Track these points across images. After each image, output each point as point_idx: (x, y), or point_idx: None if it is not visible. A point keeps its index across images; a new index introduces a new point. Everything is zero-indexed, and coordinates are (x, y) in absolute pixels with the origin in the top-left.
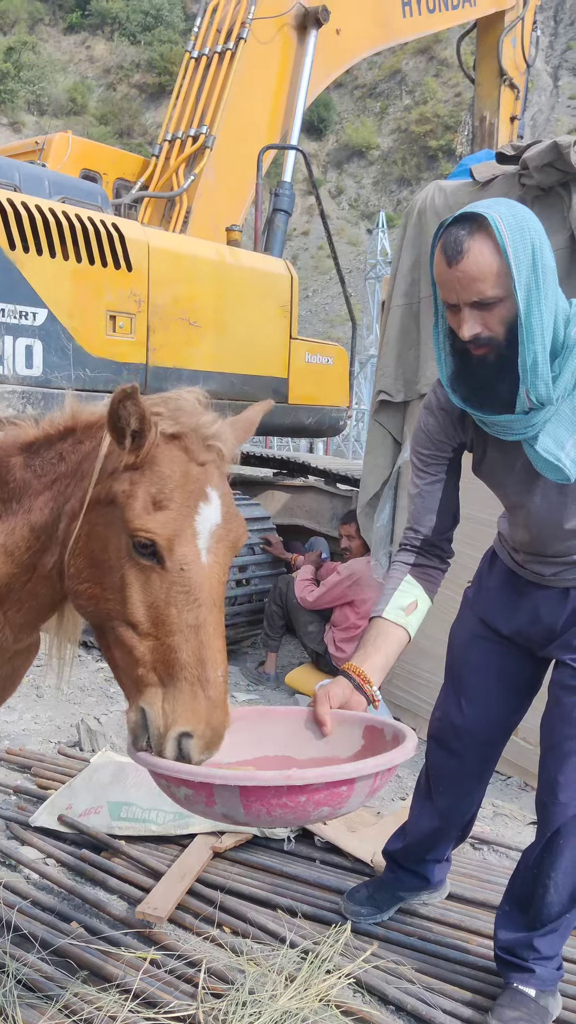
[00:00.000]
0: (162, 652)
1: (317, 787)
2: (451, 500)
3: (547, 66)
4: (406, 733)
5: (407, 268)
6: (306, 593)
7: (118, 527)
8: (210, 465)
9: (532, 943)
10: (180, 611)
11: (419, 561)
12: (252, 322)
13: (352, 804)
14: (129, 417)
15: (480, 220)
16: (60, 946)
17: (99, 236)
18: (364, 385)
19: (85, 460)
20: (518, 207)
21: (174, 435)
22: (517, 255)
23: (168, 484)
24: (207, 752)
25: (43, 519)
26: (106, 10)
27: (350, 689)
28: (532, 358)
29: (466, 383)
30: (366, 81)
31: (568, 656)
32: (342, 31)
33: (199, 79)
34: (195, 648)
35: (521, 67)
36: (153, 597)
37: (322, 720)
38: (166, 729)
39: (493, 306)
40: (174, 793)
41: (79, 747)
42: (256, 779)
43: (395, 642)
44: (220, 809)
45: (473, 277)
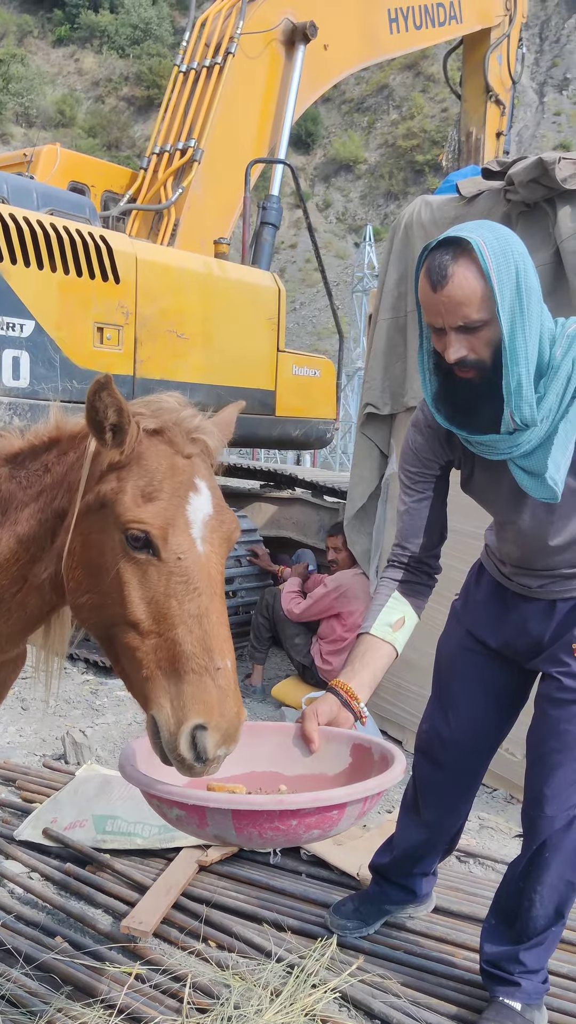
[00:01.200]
0: (166, 648)
1: (308, 811)
2: (438, 517)
3: (532, 83)
4: (394, 754)
5: (394, 282)
6: (293, 605)
7: (110, 527)
8: (196, 458)
9: (518, 956)
10: (181, 602)
11: (407, 577)
12: (240, 334)
13: (342, 827)
14: (106, 409)
15: (464, 244)
16: (44, 961)
17: (87, 248)
18: (351, 398)
19: (71, 471)
20: (502, 230)
21: (156, 430)
22: (501, 279)
23: (156, 476)
24: (224, 747)
25: (30, 531)
26: (95, 23)
27: (338, 706)
28: (516, 381)
29: (451, 404)
30: (353, 96)
31: (555, 669)
32: (330, 46)
33: (188, 93)
34: (200, 638)
35: (507, 83)
36: (152, 591)
37: (310, 737)
38: (177, 725)
39: (478, 329)
40: (166, 813)
41: (64, 760)
42: (248, 803)
43: (382, 658)
44: (212, 831)
45: (458, 301)
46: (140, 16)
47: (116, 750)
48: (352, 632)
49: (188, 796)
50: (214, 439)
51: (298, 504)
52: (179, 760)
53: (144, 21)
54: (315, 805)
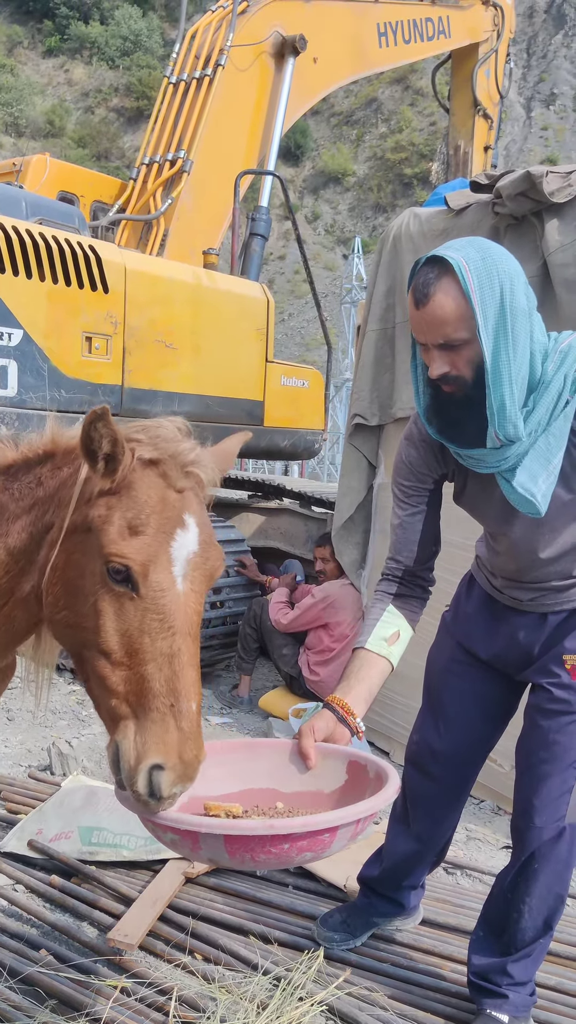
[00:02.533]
0: (135, 682)
1: (299, 835)
2: (432, 531)
3: (520, 97)
4: (388, 772)
5: (382, 293)
6: (280, 616)
7: (94, 553)
8: (188, 492)
9: (506, 968)
10: (153, 639)
11: (401, 591)
12: (228, 345)
13: (334, 848)
14: (101, 440)
15: (447, 264)
16: (29, 974)
17: (76, 258)
18: (339, 408)
19: (63, 486)
20: (491, 249)
21: (152, 461)
22: (483, 300)
23: (144, 510)
24: (179, 785)
25: (21, 544)
26: (85, 34)
27: (334, 721)
28: (499, 402)
29: (439, 417)
30: (342, 109)
31: (545, 680)
32: (319, 60)
33: (177, 104)
34: (168, 678)
35: (495, 98)
36: (127, 625)
37: (307, 754)
38: (137, 762)
39: (460, 348)
40: (160, 837)
41: (50, 771)
42: (240, 828)
43: (378, 673)
44: (205, 854)
45: (438, 320)
46: (130, 28)
47: (102, 761)
48: (340, 642)
49: (181, 822)
50: (209, 473)
51: (286, 514)
52: (135, 794)
53: (134, 33)
54: (306, 829)
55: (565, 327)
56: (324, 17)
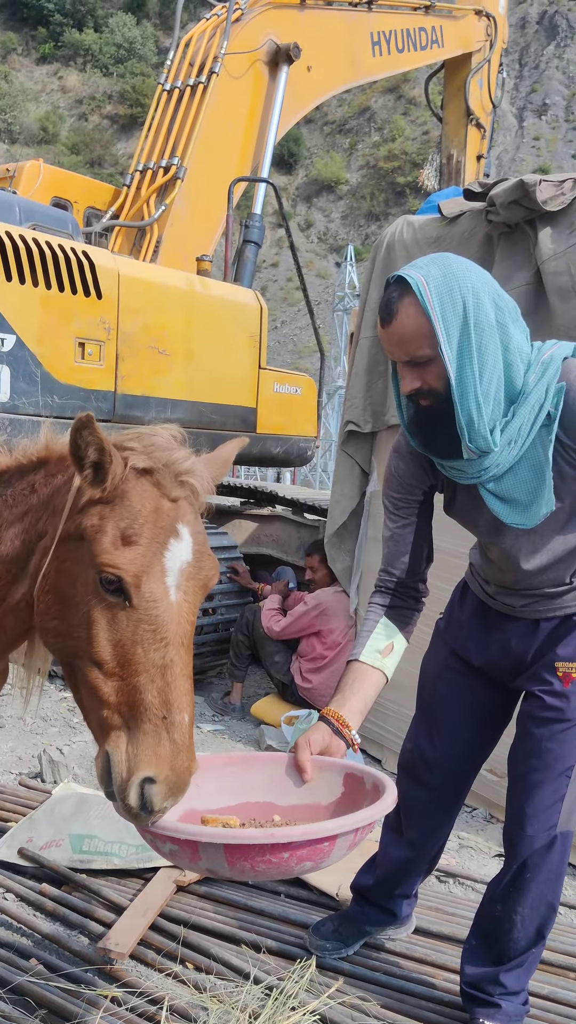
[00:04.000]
0: (127, 693)
1: (299, 844)
2: (424, 542)
3: (512, 108)
4: (385, 783)
5: (375, 300)
6: (272, 623)
7: (86, 563)
8: (182, 501)
9: (498, 978)
10: (146, 650)
11: (394, 603)
12: (221, 351)
13: (334, 858)
14: (87, 447)
15: (407, 284)
16: (19, 984)
17: (69, 263)
18: (331, 416)
19: (56, 494)
20: (455, 264)
21: (146, 470)
22: (445, 316)
23: (138, 519)
24: (171, 798)
25: (13, 551)
26: (79, 42)
27: (329, 734)
28: (467, 416)
29: (419, 429)
30: (336, 117)
31: (538, 687)
32: (313, 68)
33: (171, 111)
34: (160, 689)
35: (487, 107)
36: (119, 635)
37: (303, 767)
38: (129, 775)
39: (426, 364)
40: (159, 848)
41: (41, 778)
42: (240, 837)
43: (372, 685)
44: (204, 864)
45: (400, 339)
46: (124, 35)
47: (93, 768)
48: (332, 650)
49: (180, 831)
50: (203, 482)
51: (278, 521)
52: (126, 807)
53: (128, 40)
54: (306, 838)
55: (558, 336)
56: (318, 26)
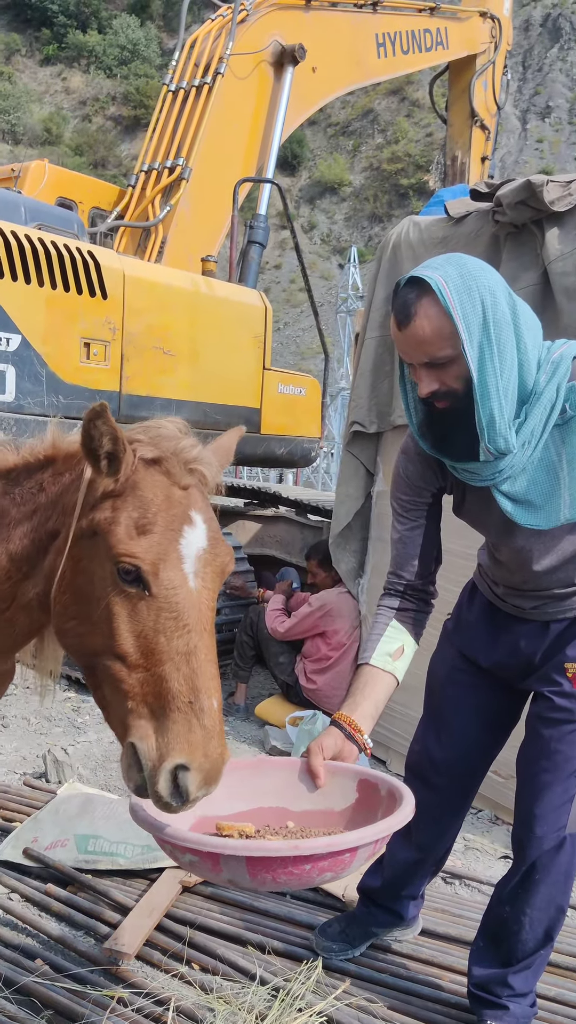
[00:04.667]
0: (152, 683)
1: (322, 856)
2: (432, 544)
3: (515, 110)
4: (402, 791)
5: (381, 300)
6: (277, 624)
7: (102, 557)
8: (193, 489)
9: (506, 980)
10: (169, 638)
11: (403, 605)
12: (226, 352)
13: (353, 868)
14: (102, 437)
15: (424, 284)
16: (25, 984)
17: (75, 263)
18: (334, 417)
19: (65, 492)
20: (470, 264)
21: (154, 460)
22: (465, 315)
23: (151, 508)
24: (205, 787)
25: (23, 549)
26: (83, 43)
27: (342, 739)
28: (488, 416)
29: (433, 432)
30: (339, 119)
31: (547, 688)
32: (318, 69)
33: (176, 112)
34: (187, 676)
35: (492, 109)
36: (141, 626)
37: (316, 772)
38: (159, 761)
39: (446, 365)
40: (178, 858)
41: (45, 778)
42: (263, 849)
43: (383, 689)
44: (225, 876)
45: (421, 340)
46: (128, 37)
47: (98, 768)
48: (337, 651)
49: (203, 843)
50: (212, 469)
51: (282, 522)
52: (156, 796)
53: (132, 42)
54: (329, 850)
55: (566, 335)
56: (323, 27)
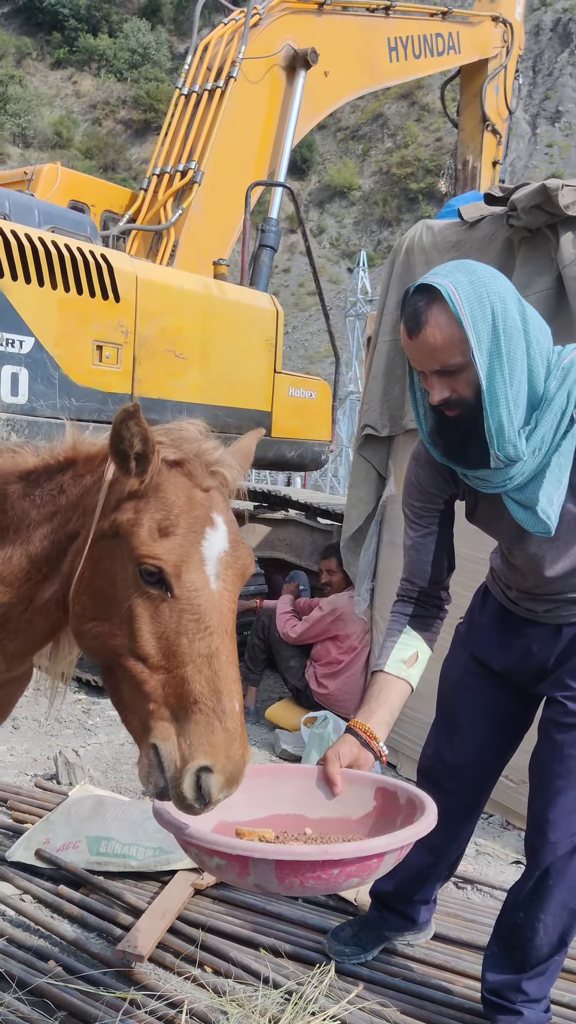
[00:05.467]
0: (174, 685)
1: (351, 861)
2: (445, 551)
3: (526, 114)
4: (422, 798)
5: (394, 304)
6: (289, 629)
7: (124, 558)
8: (214, 491)
9: (520, 985)
10: (191, 640)
11: (417, 612)
12: (237, 355)
13: (379, 874)
14: (132, 438)
15: (434, 291)
16: (38, 986)
17: (88, 266)
18: (342, 421)
19: (86, 494)
20: (480, 271)
21: (176, 462)
22: (476, 323)
23: (173, 510)
24: (227, 789)
25: (43, 551)
26: (94, 47)
27: (357, 746)
28: (497, 423)
29: (443, 440)
30: (349, 123)
31: (560, 693)
32: (330, 73)
33: (188, 115)
34: (209, 678)
35: (503, 114)
36: (163, 627)
37: (333, 780)
38: (183, 763)
39: (457, 372)
40: (204, 862)
41: (56, 780)
42: (293, 853)
43: (398, 696)
44: (252, 880)
45: (432, 348)
46: (139, 41)
47: (109, 770)
48: (348, 654)
49: (233, 847)
50: (233, 472)
51: (291, 525)
52: (180, 798)
53: (142, 46)
54: (358, 855)
55: None
56: (336, 31)
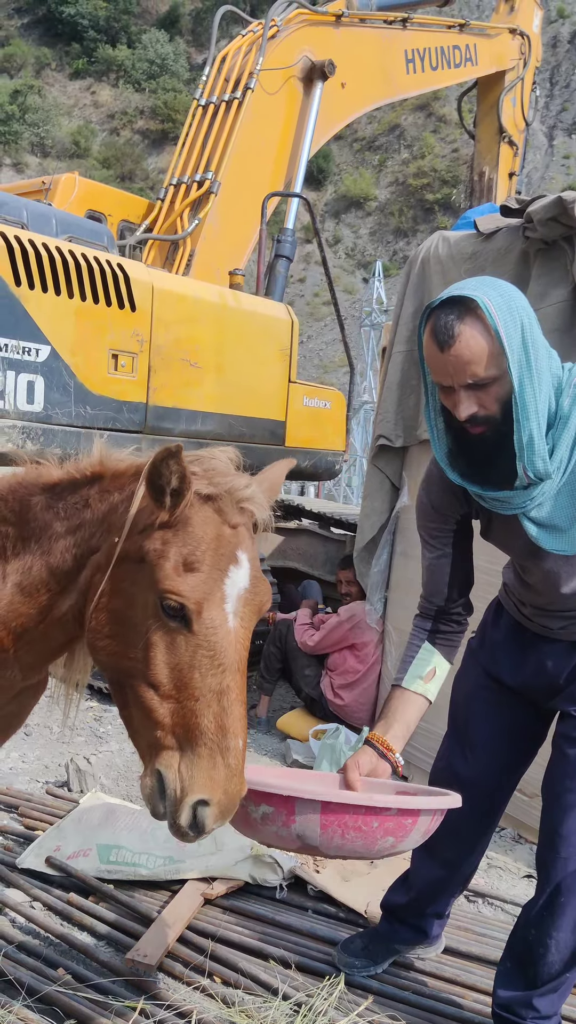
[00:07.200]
0: (182, 716)
1: (390, 813)
2: (462, 571)
3: (542, 126)
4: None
5: (409, 315)
6: (306, 638)
7: (145, 585)
8: (241, 528)
9: (531, 1002)
10: (204, 675)
11: (436, 627)
12: (252, 365)
13: (411, 840)
14: (171, 476)
15: (468, 303)
16: (47, 993)
17: (104, 276)
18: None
19: (113, 511)
20: (504, 286)
21: (208, 496)
22: (509, 335)
23: (200, 546)
24: (220, 820)
25: (64, 563)
26: (112, 57)
27: (376, 757)
28: (528, 435)
29: (464, 460)
30: (365, 134)
31: (573, 708)
32: (347, 85)
33: (206, 126)
34: (216, 714)
35: (520, 125)
36: (177, 659)
37: (353, 786)
38: (182, 795)
39: (488, 386)
40: (250, 813)
41: (67, 787)
42: (340, 796)
43: (415, 710)
44: (297, 829)
45: (466, 360)
46: (157, 52)
47: (120, 778)
48: (365, 664)
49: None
50: (262, 509)
51: (305, 535)
52: (175, 827)
53: (161, 57)
54: (399, 806)
55: None
56: (353, 43)
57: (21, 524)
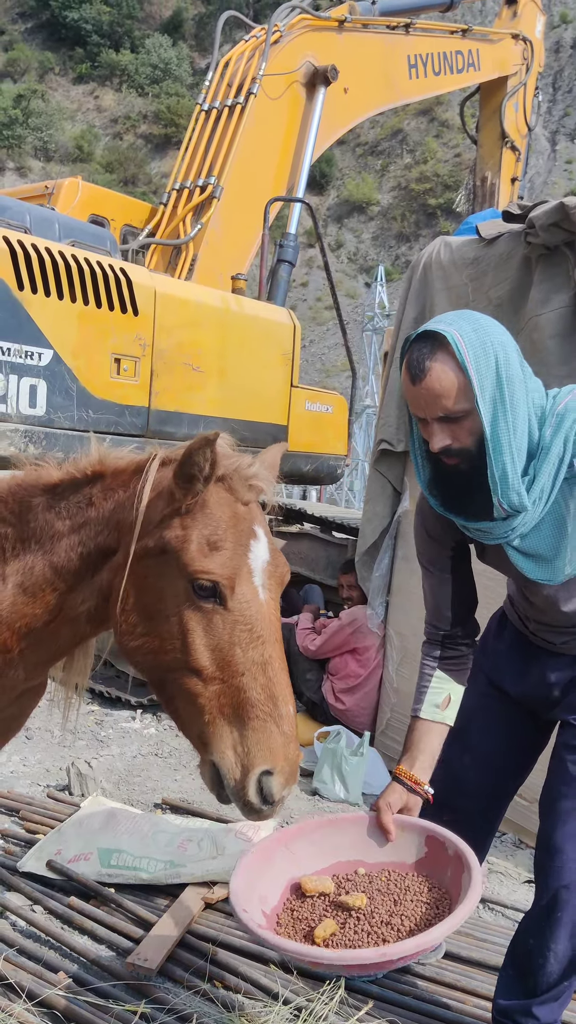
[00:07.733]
0: (230, 694)
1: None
2: (463, 594)
3: (545, 131)
4: (468, 859)
5: (411, 320)
6: (308, 642)
7: (173, 574)
8: (253, 504)
9: (531, 1010)
10: (245, 650)
11: (444, 653)
12: (254, 369)
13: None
14: (205, 464)
15: (440, 338)
16: (47, 997)
17: (107, 280)
18: (358, 435)
19: (119, 509)
20: (482, 320)
21: (219, 477)
22: (480, 371)
23: (221, 525)
24: (287, 787)
25: (68, 562)
26: (115, 62)
27: (405, 793)
28: (501, 470)
29: (442, 490)
30: (368, 139)
31: (573, 717)
32: (350, 90)
33: (209, 131)
34: (264, 685)
35: (523, 130)
36: (217, 640)
37: (387, 828)
38: (244, 772)
39: (460, 419)
40: None
41: (69, 791)
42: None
43: (437, 738)
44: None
45: (436, 394)
46: (160, 56)
47: (121, 782)
48: (366, 668)
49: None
50: (269, 485)
51: (306, 539)
52: (246, 805)
53: (164, 61)
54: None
55: None
56: (356, 48)
57: (21, 525)
